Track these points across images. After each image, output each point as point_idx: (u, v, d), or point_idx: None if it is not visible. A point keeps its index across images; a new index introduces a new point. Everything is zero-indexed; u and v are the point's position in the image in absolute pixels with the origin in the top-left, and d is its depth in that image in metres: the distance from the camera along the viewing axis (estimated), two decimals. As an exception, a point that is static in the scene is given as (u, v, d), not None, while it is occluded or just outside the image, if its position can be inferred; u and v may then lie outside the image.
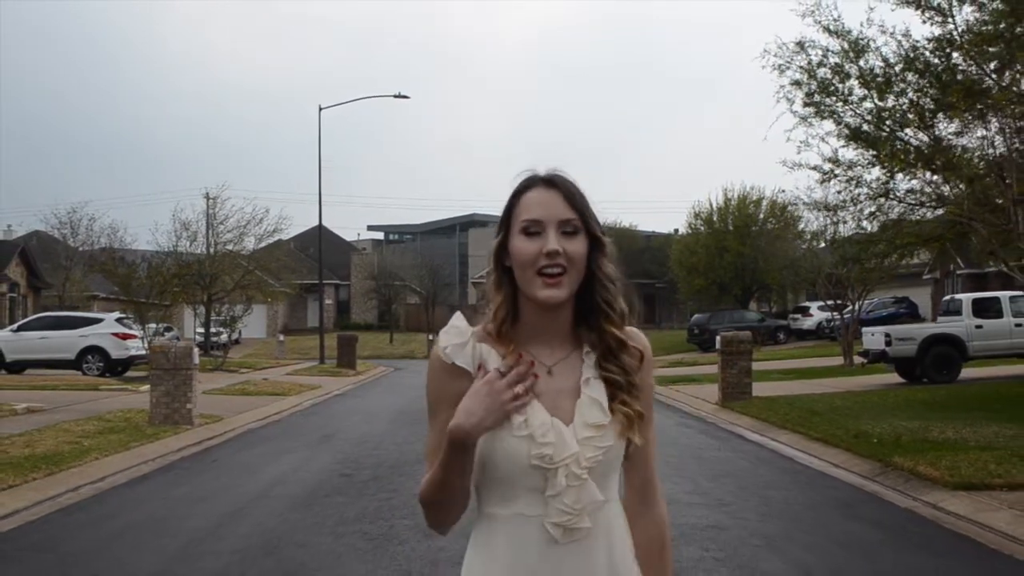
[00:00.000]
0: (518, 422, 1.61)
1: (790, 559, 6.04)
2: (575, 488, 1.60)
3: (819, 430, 12.19)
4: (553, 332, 1.70)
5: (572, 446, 1.61)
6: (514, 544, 1.63)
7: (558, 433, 1.61)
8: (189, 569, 5.85)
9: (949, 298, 21.88)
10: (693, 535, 6.55)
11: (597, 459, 1.62)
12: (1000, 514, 7.34)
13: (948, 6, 14.91)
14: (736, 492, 8.46)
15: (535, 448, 1.60)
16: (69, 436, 11.62)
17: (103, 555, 6.33)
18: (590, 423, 1.63)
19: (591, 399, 1.65)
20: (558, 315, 1.70)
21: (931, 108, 14.20)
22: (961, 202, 11.15)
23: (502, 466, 1.63)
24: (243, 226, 33.13)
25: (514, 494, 1.64)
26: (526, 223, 1.66)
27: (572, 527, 1.61)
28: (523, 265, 1.65)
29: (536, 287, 1.64)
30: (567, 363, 1.70)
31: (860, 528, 7.15)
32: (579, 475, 1.60)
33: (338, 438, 12.91)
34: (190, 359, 13.77)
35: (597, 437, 1.63)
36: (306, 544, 6.42)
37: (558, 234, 1.65)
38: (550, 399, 1.65)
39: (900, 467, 9.30)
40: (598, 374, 1.68)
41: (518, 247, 1.66)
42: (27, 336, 24.58)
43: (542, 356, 1.69)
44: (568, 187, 1.69)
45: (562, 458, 1.60)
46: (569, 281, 1.65)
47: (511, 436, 1.61)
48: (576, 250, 1.65)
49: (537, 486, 1.62)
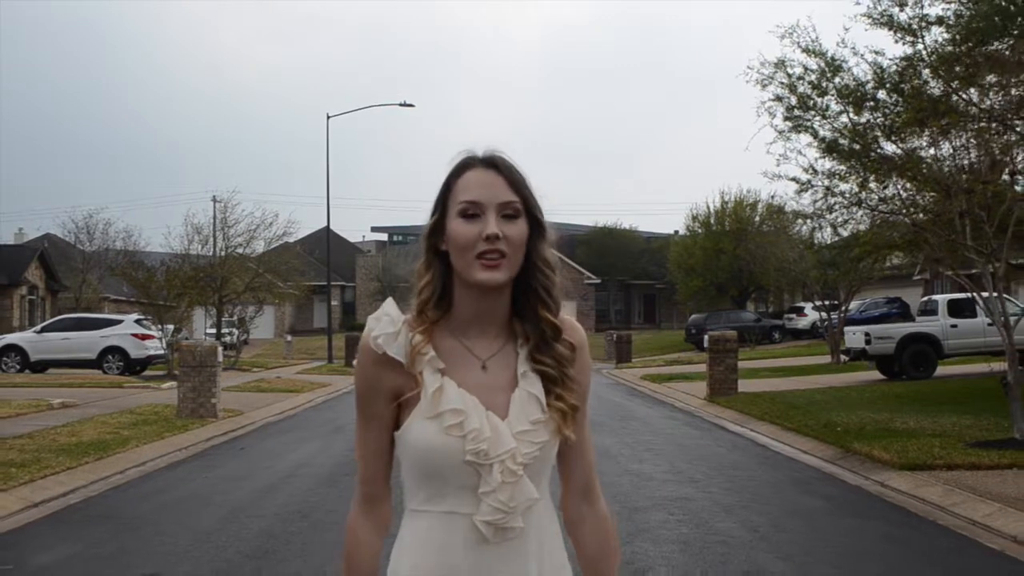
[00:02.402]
0: (452, 418, 1.57)
1: (741, 521, 7.17)
2: (510, 485, 1.56)
3: (794, 421, 13.29)
4: (489, 320, 1.65)
5: (508, 441, 1.57)
6: (443, 543, 1.59)
7: (494, 428, 1.57)
8: (239, 527, 7.01)
9: (926, 299, 23.02)
10: (663, 504, 7.67)
11: (533, 455, 1.59)
12: (934, 488, 8.45)
13: (918, 28, 16.01)
14: (707, 472, 9.58)
15: (470, 444, 1.55)
16: (108, 427, 12.75)
17: (162, 520, 7.47)
18: (526, 418, 1.59)
19: (528, 394, 1.61)
20: (495, 301, 1.64)
21: (899, 124, 15.27)
22: (915, 213, 12.24)
23: (434, 462, 1.58)
24: (253, 230, 34.28)
25: (445, 491, 1.59)
26: (464, 204, 1.60)
27: (504, 526, 1.58)
28: (461, 249, 1.59)
29: (475, 270, 1.58)
30: (502, 355, 1.65)
31: (810, 500, 8.27)
32: (515, 471, 1.57)
33: (350, 429, 13.91)
34: (214, 357, 14.91)
35: (533, 432, 1.59)
36: (335, 511, 7.55)
37: (498, 217, 1.59)
38: (484, 393, 1.60)
39: (858, 452, 10.40)
40: (533, 367, 1.63)
41: (456, 230, 1.60)
42: (50, 337, 25.80)
43: (477, 347, 1.64)
44: (509, 168, 1.63)
45: (497, 454, 1.56)
46: (509, 265, 1.59)
47: (444, 432, 1.56)
48: (516, 234, 1.59)
49: (470, 483, 1.58)
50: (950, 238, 10.74)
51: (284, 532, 6.88)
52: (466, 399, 1.58)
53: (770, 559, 6.05)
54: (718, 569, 5.79)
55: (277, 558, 6.12)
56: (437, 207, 1.65)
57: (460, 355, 1.63)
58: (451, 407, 1.57)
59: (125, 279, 29.98)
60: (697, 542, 6.46)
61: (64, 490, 8.66)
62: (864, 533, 7.08)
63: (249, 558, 6.13)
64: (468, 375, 1.61)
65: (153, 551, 6.40)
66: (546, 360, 1.63)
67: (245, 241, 33.87)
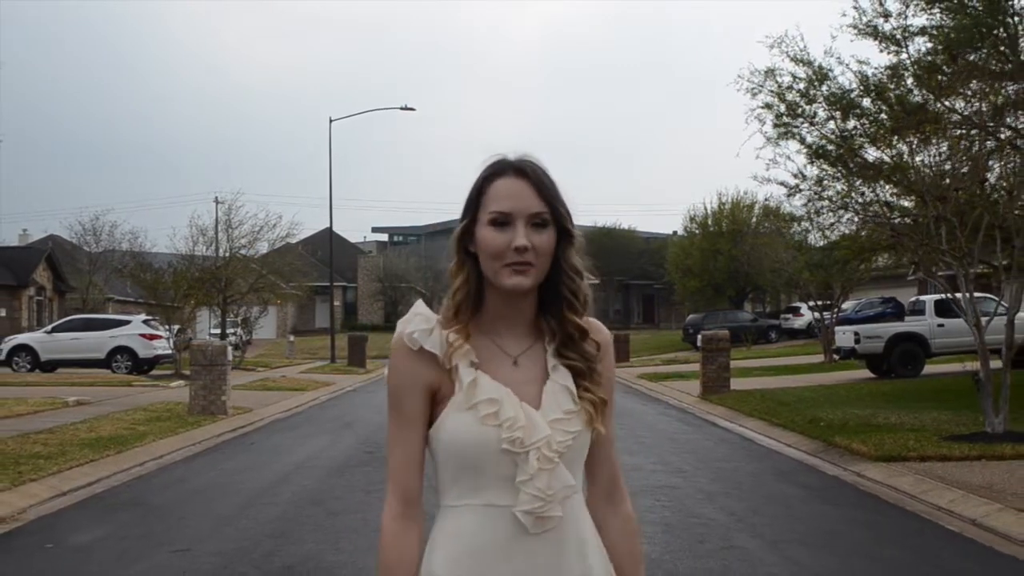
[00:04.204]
0: (488, 407, 1.60)
1: (721, 506, 7.75)
2: (547, 472, 1.59)
3: (781, 417, 13.84)
4: (517, 320, 1.70)
5: (544, 429, 1.60)
6: (481, 536, 1.61)
7: (528, 416, 1.61)
8: (257, 512, 7.61)
9: (915, 299, 23.61)
10: (650, 491, 8.24)
11: (567, 444, 1.62)
12: (906, 478, 9.00)
13: (902, 38, 16.58)
14: (694, 464, 10.16)
15: (505, 432, 1.59)
16: (123, 423, 13.33)
17: (184, 506, 8.05)
18: (560, 408, 1.63)
19: (559, 385, 1.65)
20: (522, 303, 1.69)
21: (883, 132, 15.83)
22: (895, 218, 12.81)
23: (471, 454, 1.61)
24: (256, 231, 34.79)
25: (483, 483, 1.62)
26: (495, 215, 1.63)
27: (543, 515, 1.60)
28: (490, 257, 1.63)
29: (503, 276, 1.63)
30: (531, 352, 1.69)
31: (789, 488, 8.84)
32: (551, 458, 1.59)
33: (357, 425, 14.61)
34: (224, 356, 15.48)
35: (566, 421, 1.62)
36: (343, 498, 8.13)
37: (527, 227, 1.62)
38: (517, 386, 1.64)
39: (839, 445, 10.96)
40: (561, 362, 1.68)
41: (486, 238, 1.64)
42: (60, 337, 26.43)
43: (507, 346, 1.69)
44: (539, 177, 1.66)
45: (533, 441, 1.59)
46: (536, 272, 1.64)
47: (480, 422, 1.60)
48: (544, 243, 1.63)
49: (507, 473, 1.60)
50: (924, 243, 11.32)
51: (298, 516, 7.46)
52: (500, 390, 1.62)
53: (745, 538, 6.62)
54: (697, 548, 6.36)
55: (294, 538, 6.70)
56: (468, 211, 1.68)
57: (492, 352, 1.68)
58: (486, 397, 1.61)
59: (133, 280, 30.61)
60: (679, 525, 7.03)
61: (89, 480, 9.24)
62: (835, 517, 7.65)
63: (269, 537, 6.72)
64: (500, 370, 1.66)
65: (180, 532, 6.98)
66: (573, 355, 1.68)
67: (249, 242, 34.40)
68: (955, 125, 14.53)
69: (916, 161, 14.25)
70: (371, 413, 16.71)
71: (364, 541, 6.43)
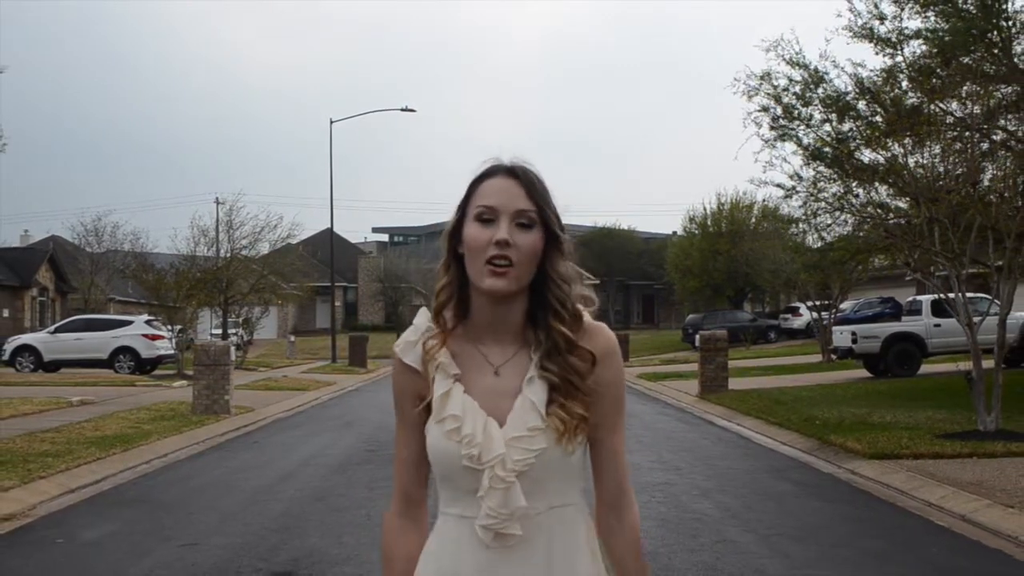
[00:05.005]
0: (451, 423, 1.62)
1: (716, 502, 7.92)
2: (499, 491, 1.59)
3: (778, 416, 14.01)
4: (504, 328, 1.68)
5: (499, 448, 1.59)
6: (456, 546, 1.64)
7: (487, 434, 1.60)
8: (261, 507, 7.78)
9: (911, 299, 23.78)
10: (646, 488, 8.41)
11: (527, 462, 1.59)
12: (899, 475, 9.17)
13: (898, 40, 16.77)
14: (691, 461, 10.33)
15: (464, 449, 1.60)
16: (128, 422, 13.50)
17: (190, 503, 8.22)
18: (524, 425, 1.61)
19: (528, 401, 1.63)
20: (508, 310, 1.67)
21: (880, 132, 15.99)
22: (889, 219, 12.98)
23: (444, 464, 1.64)
24: (257, 232, 34.96)
25: (456, 495, 1.65)
26: (480, 209, 1.63)
27: (501, 532, 1.60)
28: (472, 252, 1.63)
29: (483, 276, 1.61)
30: (515, 361, 1.67)
31: (783, 485, 9.01)
32: (503, 478, 1.58)
33: (359, 425, 14.78)
34: (227, 356, 15.66)
35: (528, 439, 1.60)
36: (346, 495, 8.31)
37: (511, 225, 1.61)
38: (492, 398, 1.64)
39: (833, 443, 11.13)
40: (540, 374, 1.65)
41: (470, 233, 1.63)
42: (63, 337, 26.63)
43: (491, 354, 1.68)
44: (529, 178, 1.65)
45: (488, 460, 1.59)
46: (517, 275, 1.61)
47: (446, 436, 1.62)
48: (528, 243, 1.62)
49: (473, 487, 1.61)
50: (918, 244, 11.49)
51: (302, 512, 7.63)
52: (466, 404, 1.63)
53: (737, 532, 6.80)
54: (690, 542, 6.53)
55: (298, 532, 6.87)
56: (458, 211, 1.69)
57: (475, 360, 1.68)
58: (450, 412, 1.62)
59: (136, 281, 30.80)
60: (674, 519, 7.21)
61: (96, 477, 9.41)
62: (827, 512, 7.82)
63: (274, 532, 6.89)
64: (480, 380, 1.66)
65: (187, 527, 7.16)
66: (552, 368, 1.64)
67: (250, 243, 34.57)
68: (949, 127, 14.71)
69: (911, 161, 14.42)
70: (372, 412, 16.88)
71: (367, 536, 6.61)
